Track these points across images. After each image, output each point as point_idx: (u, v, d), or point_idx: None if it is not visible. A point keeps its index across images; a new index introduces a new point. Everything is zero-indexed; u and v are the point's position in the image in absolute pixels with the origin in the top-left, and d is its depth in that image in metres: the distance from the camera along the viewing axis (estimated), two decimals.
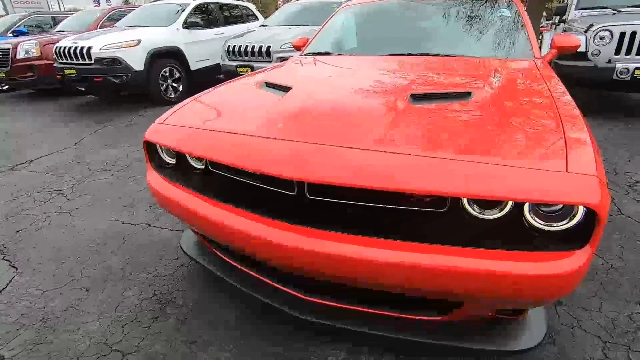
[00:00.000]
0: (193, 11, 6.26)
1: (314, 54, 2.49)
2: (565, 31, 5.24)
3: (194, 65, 6.13)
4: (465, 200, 1.07)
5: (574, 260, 0.96)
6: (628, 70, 4.03)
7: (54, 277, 1.85)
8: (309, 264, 1.11)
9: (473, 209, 1.08)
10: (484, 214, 1.07)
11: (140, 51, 5.33)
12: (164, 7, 6.53)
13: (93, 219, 2.40)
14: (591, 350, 1.35)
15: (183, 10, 6.15)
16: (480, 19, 2.29)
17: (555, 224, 1.00)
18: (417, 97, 1.36)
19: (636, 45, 4.08)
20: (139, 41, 5.34)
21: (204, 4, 6.58)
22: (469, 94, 1.37)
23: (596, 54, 4.26)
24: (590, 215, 0.94)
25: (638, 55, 4.08)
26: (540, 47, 3.01)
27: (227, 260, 1.57)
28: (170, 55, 5.76)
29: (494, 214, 1.06)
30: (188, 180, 1.49)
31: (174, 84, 5.88)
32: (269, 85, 1.73)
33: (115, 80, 5.24)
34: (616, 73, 4.09)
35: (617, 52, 4.17)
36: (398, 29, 2.42)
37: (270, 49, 5.05)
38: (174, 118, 1.56)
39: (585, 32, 4.36)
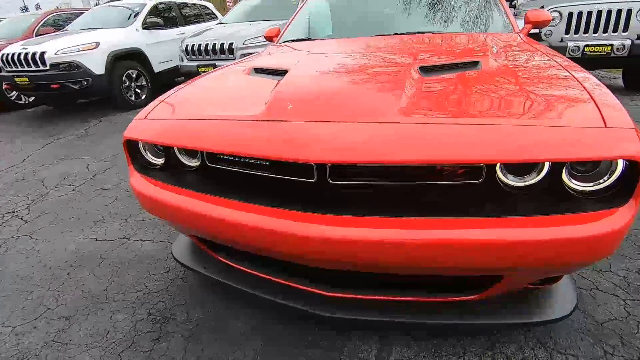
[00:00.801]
0: (151, 11, 5.90)
1: (292, 41, 2.37)
2: (516, 15, 5.50)
3: (157, 67, 5.81)
4: (498, 170, 1.02)
5: (619, 218, 0.93)
6: (579, 48, 4.29)
7: (23, 309, 1.59)
8: (344, 255, 1.00)
9: (508, 178, 1.02)
10: (520, 182, 1.02)
11: (99, 54, 4.96)
12: (119, 8, 6.10)
13: (60, 239, 2.12)
14: (615, 309, 1.36)
15: (140, 11, 5.78)
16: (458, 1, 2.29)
17: (595, 183, 0.97)
18: (427, 70, 1.30)
19: (583, 24, 4.36)
20: (98, 43, 4.96)
21: (161, 3, 6.22)
22: (477, 63, 1.33)
23: (549, 35, 4.51)
24: (631, 169, 0.92)
25: (586, 33, 4.36)
26: None
27: (232, 264, 1.42)
28: (132, 57, 5.41)
29: (531, 180, 1.01)
30: (181, 180, 1.32)
31: (138, 89, 5.52)
32: (258, 71, 1.59)
33: (74, 87, 4.82)
34: (568, 51, 4.34)
35: (567, 31, 4.44)
36: (375, 10, 2.36)
37: (233, 46, 4.84)
38: (158, 111, 1.38)
39: None
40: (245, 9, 6.27)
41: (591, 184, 0.98)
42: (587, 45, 4.25)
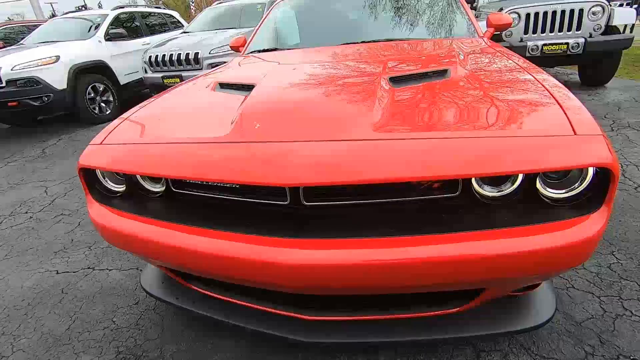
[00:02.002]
0: (114, 22, 5.66)
1: (259, 51, 2.31)
2: (477, 17, 5.69)
3: (123, 79, 5.59)
4: (474, 182, 1.01)
5: (593, 224, 0.93)
6: (538, 47, 4.47)
7: None
8: (320, 280, 0.95)
9: (484, 189, 1.01)
10: (496, 192, 1.01)
11: (60, 68, 4.71)
12: (78, 19, 5.83)
13: (15, 276, 1.94)
14: (591, 307, 1.38)
15: (102, 22, 5.53)
16: (421, 1, 2.30)
17: (568, 190, 0.97)
18: (396, 80, 1.27)
19: (540, 25, 4.56)
20: (58, 57, 4.71)
21: (124, 13, 5.98)
22: (445, 71, 1.32)
23: (509, 35, 4.68)
24: (601, 175, 0.93)
25: (543, 33, 4.56)
26: None
27: (207, 292, 1.34)
28: (95, 70, 5.18)
29: (506, 190, 1.00)
30: (145, 207, 1.23)
31: (103, 104, 5.29)
32: (223, 86, 1.52)
33: (34, 103, 4.54)
34: (528, 50, 4.51)
35: (526, 31, 4.62)
36: (341, 18, 2.34)
37: (199, 56, 4.70)
38: (116, 135, 1.28)
39: None
40: (209, 17, 6.14)
41: (564, 190, 0.98)
42: (545, 45, 4.43)
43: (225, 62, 4.72)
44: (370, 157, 0.92)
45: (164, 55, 4.86)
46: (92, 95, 5.10)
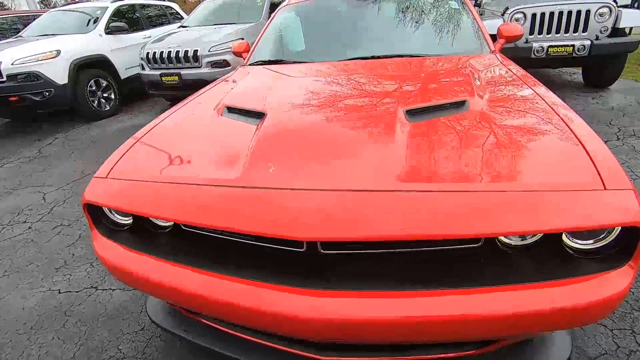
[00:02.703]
0: (114, 15, 5.51)
1: (263, 62, 2.23)
2: (481, 14, 5.58)
3: (124, 74, 5.48)
4: None
5: (621, 278, 0.91)
6: (543, 48, 4.40)
7: None
8: (337, 332, 0.92)
9: (508, 238, 0.98)
10: (520, 241, 0.98)
11: (61, 62, 4.61)
12: (77, 12, 5.67)
13: (16, 294, 1.90)
14: (604, 342, 1.38)
15: (102, 15, 5.38)
16: (432, 13, 2.23)
17: (595, 240, 0.94)
18: (412, 113, 1.23)
19: (546, 25, 4.48)
20: (58, 52, 4.60)
21: (124, 6, 5.81)
22: (463, 103, 1.28)
23: None
24: (630, 229, 0.90)
25: (549, 34, 4.49)
26: None
27: (218, 327, 1.31)
28: (96, 65, 5.07)
29: (530, 239, 0.98)
30: (152, 243, 1.19)
31: (103, 99, 5.19)
32: (231, 110, 1.46)
33: (35, 98, 4.46)
34: (533, 52, 4.45)
35: (532, 32, 4.54)
36: (350, 28, 2.26)
37: (198, 53, 4.59)
38: (121, 168, 1.23)
39: (502, 14, 4.67)
40: (207, 11, 5.97)
41: (590, 241, 0.95)
42: (550, 46, 4.36)
43: (225, 60, 4.65)
44: (394, 211, 0.88)
45: (162, 52, 4.73)
46: (94, 88, 5.00)
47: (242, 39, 4.82)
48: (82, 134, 4.58)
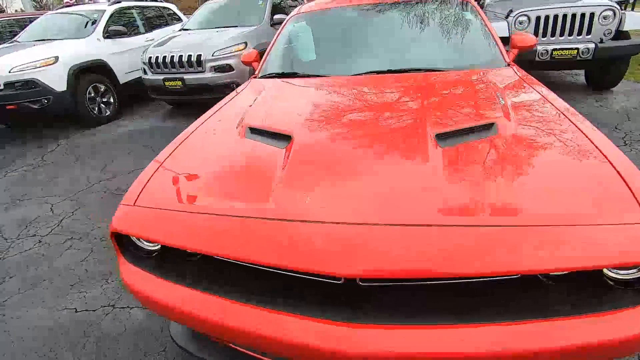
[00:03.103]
0: (112, 18, 5.45)
1: (277, 75, 2.21)
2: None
3: (123, 78, 5.41)
4: None
5: None
6: (547, 51, 4.40)
7: None
8: None
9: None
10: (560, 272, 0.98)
11: (60, 69, 4.54)
12: (74, 15, 5.59)
13: (32, 313, 1.89)
14: None
15: (99, 18, 5.31)
16: (446, 24, 2.22)
17: (636, 271, 0.94)
18: (442, 137, 1.22)
19: (550, 28, 4.48)
20: (57, 58, 4.53)
21: (122, 8, 5.74)
22: (491, 125, 1.27)
23: None
24: None
25: (553, 37, 4.49)
26: None
27: (246, 351, 1.30)
28: (95, 70, 5.00)
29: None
30: (181, 270, 1.18)
31: (103, 104, 5.15)
32: (255, 131, 1.45)
33: (34, 106, 4.40)
34: (538, 55, 4.45)
35: (536, 34, 4.54)
36: (364, 40, 2.25)
37: (202, 58, 4.55)
38: (148, 195, 1.21)
39: (506, 17, 4.67)
40: (208, 13, 5.93)
41: (633, 270, 0.95)
42: (555, 49, 4.36)
43: (229, 64, 4.60)
44: (439, 247, 0.88)
45: (164, 57, 4.69)
46: (93, 94, 4.94)
47: (246, 42, 4.80)
48: (84, 140, 4.54)
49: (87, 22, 5.35)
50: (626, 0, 6.68)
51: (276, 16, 5.58)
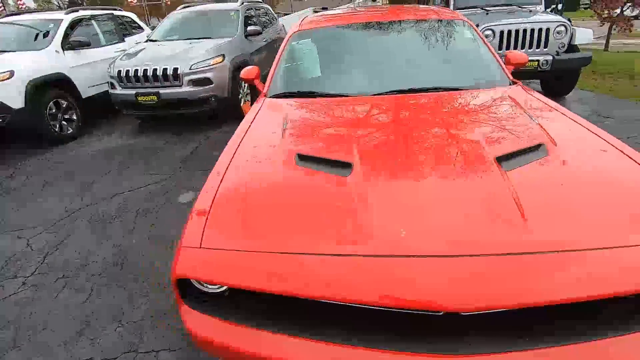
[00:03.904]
0: (70, 28, 5.03)
1: (292, 94, 2.16)
2: None
3: (86, 92, 5.00)
4: None
5: None
6: None
7: None
8: None
9: None
10: None
11: (16, 84, 4.11)
12: (26, 25, 5.05)
13: None
14: None
15: (56, 28, 4.86)
16: (451, 43, 2.33)
17: None
18: (502, 159, 1.27)
19: (513, 42, 4.88)
20: (12, 72, 4.09)
21: (80, 18, 5.31)
22: (540, 146, 1.35)
23: None
24: None
25: (515, 49, 4.88)
26: None
27: None
28: (54, 84, 4.57)
29: None
30: (251, 312, 1.11)
31: (65, 121, 4.72)
32: (304, 158, 1.40)
33: None
34: None
35: (500, 47, 4.91)
36: (378, 59, 2.28)
37: (179, 71, 4.34)
38: (212, 236, 1.12)
39: None
40: (176, 24, 5.70)
41: None
42: None
43: (207, 78, 4.43)
44: (544, 274, 0.91)
45: (136, 70, 4.41)
46: (54, 110, 4.52)
47: (223, 55, 4.68)
48: (48, 162, 4.12)
49: (41, 33, 4.89)
50: (555, 6, 7.48)
51: (250, 27, 5.51)
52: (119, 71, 4.48)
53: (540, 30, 4.81)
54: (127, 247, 2.48)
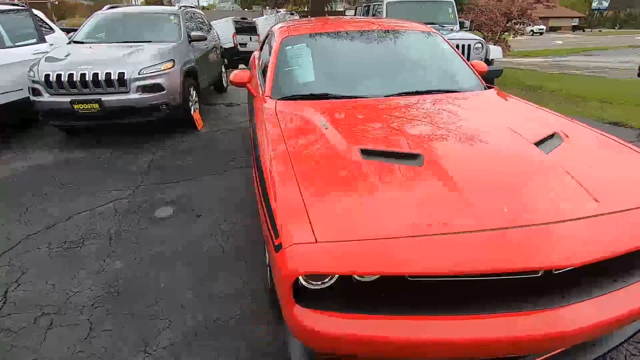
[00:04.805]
0: None
1: (302, 97, 2.17)
2: None
3: None
4: None
5: None
6: None
7: None
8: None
9: None
10: None
11: None
12: None
13: None
14: None
15: None
16: (427, 51, 2.64)
17: None
18: (538, 144, 1.52)
19: None
20: None
21: None
22: (553, 135, 1.64)
23: None
24: None
25: None
26: None
27: None
28: None
29: None
30: (360, 301, 1.14)
31: None
32: (368, 152, 1.46)
33: None
34: None
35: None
36: (375, 62, 2.47)
37: (126, 77, 3.92)
38: (324, 230, 1.11)
39: None
40: (105, 25, 5.14)
41: None
42: None
43: (158, 84, 4.09)
44: (620, 228, 1.15)
45: (70, 74, 3.84)
46: None
47: (173, 60, 4.40)
48: None
49: None
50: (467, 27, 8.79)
51: (194, 33, 5.27)
52: (47, 75, 3.85)
53: (463, 46, 5.61)
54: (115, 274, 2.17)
